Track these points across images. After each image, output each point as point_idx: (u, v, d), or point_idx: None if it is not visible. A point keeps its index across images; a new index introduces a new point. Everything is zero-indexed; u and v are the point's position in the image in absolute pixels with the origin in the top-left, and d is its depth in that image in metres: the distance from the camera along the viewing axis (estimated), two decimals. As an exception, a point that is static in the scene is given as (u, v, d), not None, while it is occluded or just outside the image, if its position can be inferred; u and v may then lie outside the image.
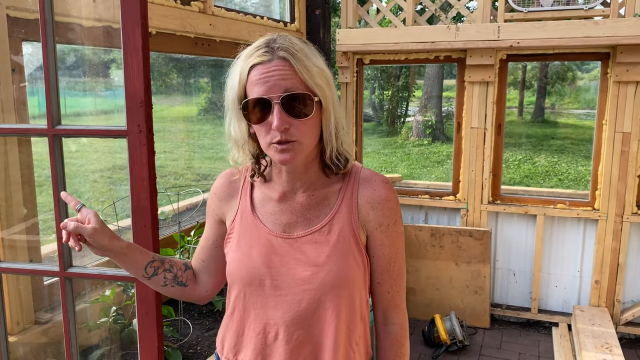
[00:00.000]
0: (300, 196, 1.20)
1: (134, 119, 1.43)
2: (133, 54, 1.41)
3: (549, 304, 3.87)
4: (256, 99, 1.07)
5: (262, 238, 1.20)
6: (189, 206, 4.01)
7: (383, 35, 3.70)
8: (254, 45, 1.12)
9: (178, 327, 2.26)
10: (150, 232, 1.47)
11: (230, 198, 1.27)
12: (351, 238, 1.17)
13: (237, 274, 1.20)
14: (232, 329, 1.25)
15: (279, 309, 1.17)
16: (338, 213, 1.18)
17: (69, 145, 7.94)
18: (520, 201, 3.79)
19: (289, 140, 1.07)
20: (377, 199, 1.18)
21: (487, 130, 3.69)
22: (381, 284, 1.23)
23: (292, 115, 1.07)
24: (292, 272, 1.16)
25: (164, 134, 14.42)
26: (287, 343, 1.17)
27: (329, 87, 1.11)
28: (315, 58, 1.11)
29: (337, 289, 1.15)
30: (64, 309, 1.55)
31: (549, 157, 13.76)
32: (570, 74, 20.17)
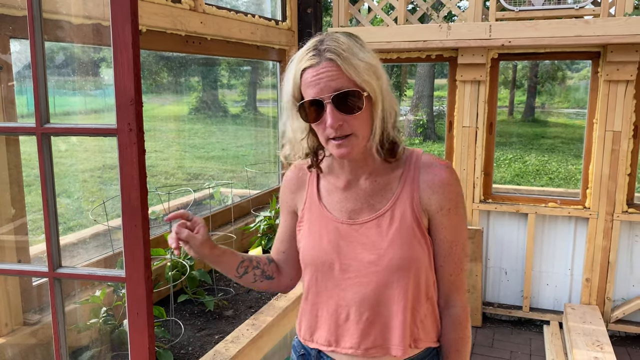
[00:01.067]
0: (363, 183, 1.27)
1: (124, 117, 1.41)
2: (123, 51, 1.38)
3: (540, 302, 3.88)
4: (310, 100, 1.14)
5: (329, 225, 1.27)
6: (180, 206, 3.97)
7: (375, 34, 3.69)
8: (304, 48, 1.18)
9: (169, 327, 2.24)
10: (140, 232, 1.45)
11: (300, 189, 1.37)
12: (413, 222, 1.22)
13: (309, 260, 1.29)
14: (307, 311, 1.33)
15: (349, 291, 1.24)
16: (400, 198, 1.23)
17: (59, 145, 7.90)
18: (512, 200, 3.80)
19: (345, 135, 1.15)
20: (438, 183, 1.22)
21: (479, 129, 3.69)
22: (443, 267, 1.27)
23: (344, 111, 1.13)
24: (359, 256, 1.23)
25: (155, 133, 14.35)
26: (357, 323, 1.24)
27: (377, 79, 1.16)
28: (362, 53, 1.16)
29: (402, 270, 1.20)
30: (53, 311, 1.53)
31: (540, 156, 13.84)
32: (560, 74, 20.30)
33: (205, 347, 2.09)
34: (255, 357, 2.09)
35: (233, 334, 2.09)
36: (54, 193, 1.51)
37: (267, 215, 2.93)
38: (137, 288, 1.49)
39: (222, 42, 3.03)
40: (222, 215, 3.18)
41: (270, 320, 2.20)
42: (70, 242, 2.93)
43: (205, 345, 2.12)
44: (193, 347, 2.11)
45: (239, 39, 3.14)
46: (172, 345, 2.09)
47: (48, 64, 1.47)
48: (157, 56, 13.76)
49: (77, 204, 8.69)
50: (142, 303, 1.51)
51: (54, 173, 1.48)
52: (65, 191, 8.09)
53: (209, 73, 16.42)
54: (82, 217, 7.10)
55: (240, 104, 17.94)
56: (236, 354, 1.94)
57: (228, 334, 2.16)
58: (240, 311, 2.44)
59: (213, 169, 11.38)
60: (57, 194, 1.54)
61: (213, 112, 16.83)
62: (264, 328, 2.15)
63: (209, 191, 3.23)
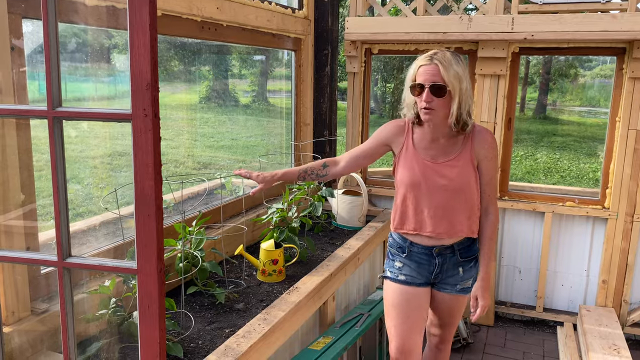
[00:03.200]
0: (441, 140, 2.11)
1: (140, 102, 1.34)
2: (140, 34, 1.32)
3: (554, 302, 3.81)
4: (419, 83, 1.98)
5: (419, 161, 2.11)
6: (191, 195, 3.92)
7: (393, 24, 3.60)
8: (425, 55, 2.00)
9: (179, 320, 2.19)
10: (154, 223, 1.39)
11: (398, 136, 2.19)
12: (470, 164, 2.08)
13: (406, 181, 2.12)
14: (400, 211, 2.17)
15: (430, 200, 2.09)
16: (463, 151, 2.09)
17: (69, 131, 7.86)
18: (529, 198, 3.72)
19: (430, 107, 1.97)
20: (484, 142, 2.10)
21: (497, 124, 3.61)
22: (485, 191, 2.15)
23: (434, 94, 1.96)
24: (437, 181, 2.08)
25: (165, 121, 14.27)
26: (434, 217, 2.10)
27: (459, 83, 1.95)
28: (456, 66, 1.96)
29: (462, 190, 2.08)
30: (62, 301, 1.48)
31: (551, 154, 13.67)
32: (572, 71, 20.03)
33: (216, 341, 2.04)
34: (266, 353, 2.04)
35: (244, 329, 2.03)
36: (64, 179, 1.45)
37: (279, 207, 2.86)
38: (149, 281, 1.44)
39: (238, 29, 2.96)
40: (234, 205, 3.13)
41: (282, 316, 2.15)
42: (79, 229, 2.88)
43: (215, 339, 2.07)
44: (203, 340, 2.06)
45: (254, 27, 3.07)
46: (182, 338, 2.04)
47: (61, 49, 1.40)
48: (168, 44, 13.67)
49: (87, 190, 8.70)
50: (153, 296, 1.45)
51: (65, 158, 1.43)
52: (75, 177, 8.07)
53: (220, 62, 16.32)
54: (92, 204, 7.08)
55: (250, 94, 17.85)
56: (248, 350, 1.89)
57: (239, 327, 2.11)
58: (251, 304, 2.39)
59: (223, 159, 11.34)
60: (67, 180, 1.49)
61: (223, 101, 16.74)
62: (276, 323, 2.09)
63: (220, 181, 3.18)
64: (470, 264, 2.20)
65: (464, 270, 2.19)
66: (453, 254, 2.16)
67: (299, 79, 3.76)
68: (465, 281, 2.22)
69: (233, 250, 2.80)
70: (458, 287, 2.22)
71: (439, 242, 2.14)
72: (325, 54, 3.85)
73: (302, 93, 3.79)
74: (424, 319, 2.28)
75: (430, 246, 2.15)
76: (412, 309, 2.19)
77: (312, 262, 2.89)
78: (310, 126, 3.87)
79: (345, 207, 3.51)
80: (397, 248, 2.24)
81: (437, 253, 2.16)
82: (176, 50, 14.53)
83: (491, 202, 2.15)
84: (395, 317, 2.19)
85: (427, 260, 2.18)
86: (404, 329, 2.17)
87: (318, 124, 3.92)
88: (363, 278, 3.38)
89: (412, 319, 2.18)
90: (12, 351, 1.77)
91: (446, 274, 2.19)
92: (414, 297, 2.19)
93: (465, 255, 2.18)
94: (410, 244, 2.18)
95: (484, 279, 2.16)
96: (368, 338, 3.08)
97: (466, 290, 2.24)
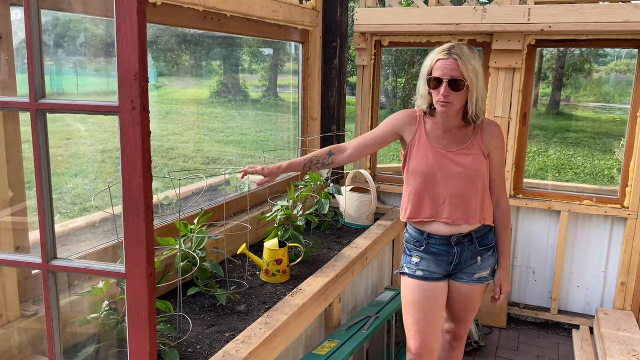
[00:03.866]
0: (453, 130, 2.13)
1: (127, 93, 1.24)
2: (127, 19, 1.21)
3: (569, 304, 3.68)
4: (436, 77, 1.99)
5: (433, 150, 2.11)
6: (195, 190, 3.83)
7: (404, 15, 3.48)
8: (441, 47, 2.01)
9: (176, 322, 2.10)
10: (142, 223, 1.29)
11: (410, 125, 2.18)
12: (480, 152, 2.11)
13: (420, 170, 2.11)
14: (412, 200, 2.15)
15: (446, 188, 2.09)
16: (474, 140, 2.11)
17: (77, 125, 7.83)
18: (544, 196, 3.59)
19: (447, 101, 1.99)
20: (493, 133, 2.14)
21: (512, 119, 3.47)
22: (495, 181, 2.18)
23: (451, 88, 1.97)
24: (453, 169, 2.08)
25: (175, 115, 14.26)
26: (450, 204, 2.10)
27: (476, 78, 1.98)
28: (473, 60, 1.98)
29: (476, 177, 2.09)
30: (47, 305, 1.39)
31: (564, 150, 13.45)
32: (587, 66, 19.68)
33: (214, 346, 1.95)
34: (267, 358, 1.94)
35: (244, 333, 1.94)
36: (48, 176, 1.36)
37: (284, 205, 2.76)
38: (138, 286, 1.34)
39: (242, 20, 2.85)
40: (238, 202, 3.03)
41: (284, 319, 2.05)
42: (78, 227, 2.80)
43: (214, 343, 1.97)
44: (201, 344, 1.96)
45: (260, 17, 2.96)
46: (179, 342, 1.95)
47: (70, 42, 1.31)
48: (178, 38, 13.62)
49: (94, 184, 8.65)
50: (143, 302, 1.35)
51: (49, 153, 1.33)
52: (82, 171, 8.04)
53: (230, 57, 16.26)
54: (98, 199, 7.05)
55: (260, 89, 17.79)
56: (247, 356, 1.79)
57: (239, 331, 2.01)
58: (253, 306, 2.29)
59: (231, 154, 11.26)
60: (75, 174, 1.40)
61: (233, 96, 16.70)
62: (278, 327, 1.99)
63: (224, 177, 3.08)
64: (488, 252, 2.19)
65: (482, 259, 2.17)
66: (471, 242, 2.15)
67: (306, 72, 3.64)
68: (482, 270, 2.19)
69: (237, 248, 2.71)
70: (475, 277, 2.19)
71: (456, 229, 2.12)
72: (334, 46, 3.73)
73: (309, 87, 3.67)
74: (443, 315, 2.24)
75: (448, 235, 2.13)
76: (431, 306, 2.15)
77: (318, 261, 2.78)
78: (318, 121, 3.76)
79: (353, 204, 3.40)
80: (414, 242, 2.20)
81: (455, 242, 2.13)
82: (187, 45, 14.49)
83: (502, 192, 2.20)
84: (414, 314, 2.16)
85: (445, 250, 2.15)
86: (422, 325, 2.14)
87: (326, 119, 3.81)
88: (371, 278, 3.27)
89: (431, 316, 2.14)
90: (1, 355, 1.69)
91: (464, 264, 2.17)
92: (432, 292, 2.16)
93: (483, 244, 2.17)
94: (428, 236, 2.15)
95: (505, 267, 2.23)
96: (376, 340, 2.98)
97: (482, 280, 2.21)
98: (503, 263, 2.23)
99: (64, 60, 6.33)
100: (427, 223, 2.15)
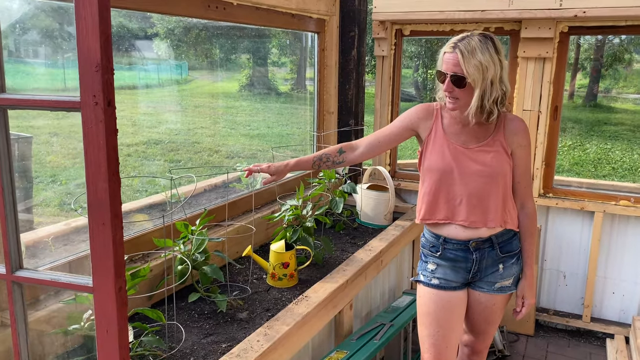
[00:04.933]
0: (473, 125, 1.93)
1: (89, 87, 1.10)
2: (86, 3, 1.07)
3: (603, 312, 3.43)
4: (441, 71, 1.86)
5: (451, 147, 1.95)
6: (208, 187, 3.72)
7: (426, 2, 3.27)
8: (453, 39, 1.84)
9: (172, 331, 1.97)
10: (109, 233, 1.15)
11: (426, 120, 2.03)
12: (502, 150, 1.93)
13: (436, 167, 1.95)
14: (427, 200, 1.99)
15: (463, 187, 1.92)
16: (495, 136, 1.94)
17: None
18: (576, 195, 3.34)
19: (453, 97, 1.86)
20: (518, 129, 1.95)
21: (542, 113, 3.23)
22: (520, 183, 1.99)
23: (454, 85, 1.83)
24: (471, 167, 1.92)
25: (203, 109, 14.30)
26: (467, 205, 1.93)
27: (480, 74, 1.79)
28: (481, 54, 1.78)
29: (497, 176, 1.91)
30: (12, 319, 1.27)
31: (602, 144, 12.94)
32: (627, 56, 18.88)
33: (209, 358, 1.81)
34: (265, 373, 1.80)
35: (240, 346, 1.79)
36: (11, 178, 1.23)
37: (293, 205, 2.61)
38: (107, 301, 1.20)
39: (251, 9, 2.70)
40: (247, 201, 2.89)
41: (285, 330, 1.90)
42: (82, 224, 2.71)
43: (209, 355, 1.84)
44: (196, 356, 1.83)
45: (270, 6, 2.80)
46: (171, 354, 1.82)
47: (67, 38, 1.17)
48: (208, 33, 13.60)
49: (117, 179, 8.65)
50: (112, 319, 1.22)
51: (11, 152, 1.21)
52: (107, 165, 8.03)
53: (258, 50, 16.19)
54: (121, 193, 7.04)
55: (289, 82, 17.69)
56: (241, 372, 1.65)
57: (237, 342, 1.88)
58: (256, 314, 2.15)
59: (255, 148, 11.17)
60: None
61: (262, 89, 16.67)
62: (278, 339, 1.85)
63: (227, 176, 2.95)
64: (512, 260, 2.00)
65: (505, 267, 1.99)
66: (492, 248, 1.97)
67: (322, 63, 3.47)
68: (504, 280, 2.01)
69: (244, 250, 2.57)
70: (496, 286, 2.01)
71: (475, 233, 1.95)
72: (352, 36, 3.54)
73: (325, 79, 3.50)
74: (461, 328, 2.07)
75: (466, 240, 1.95)
76: (448, 318, 1.98)
77: (329, 264, 2.62)
78: (335, 115, 3.59)
79: (370, 203, 3.22)
80: (430, 248, 2.04)
81: (475, 247, 1.96)
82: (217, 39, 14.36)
83: (527, 194, 2.01)
84: (429, 327, 2.00)
85: (463, 256, 1.97)
86: (437, 339, 1.97)
87: (343, 112, 3.63)
88: (388, 282, 3.10)
89: (447, 329, 1.97)
90: (-20, 366, 1.59)
91: (485, 272, 1.99)
92: (449, 303, 1.99)
93: (506, 250, 1.99)
94: (444, 241, 1.98)
95: (529, 277, 2.03)
96: (391, 348, 2.81)
97: (504, 289, 2.02)
98: (527, 272, 2.03)
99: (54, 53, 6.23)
100: (442, 226, 1.98)
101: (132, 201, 3.48)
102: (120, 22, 8.65)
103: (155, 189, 6.73)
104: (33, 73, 6.32)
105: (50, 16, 5.47)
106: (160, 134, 11.06)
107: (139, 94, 12.13)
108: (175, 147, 10.15)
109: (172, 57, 13.00)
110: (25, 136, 3.86)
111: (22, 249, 1.30)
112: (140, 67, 12.82)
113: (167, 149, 9.92)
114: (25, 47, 5.54)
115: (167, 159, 9.25)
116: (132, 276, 1.84)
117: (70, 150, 6.98)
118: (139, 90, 12.82)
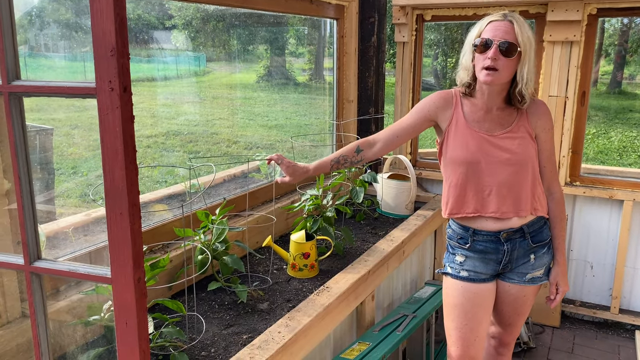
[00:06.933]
0: (495, 111, 1.88)
1: (104, 72, 1.07)
2: (100, -16, 1.04)
3: (632, 303, 3.33)
4: (485, 39, 1.74)
5: (474, 135, 1.86)
6: (227, 178, 3.70)
7: (448, -14, 3.18)
8: (494, 15, 1.77)
9: (193, 322, 1.95)
10: (127, 222, 1.12)
11: (445, 109, 1.93)
12: (528, 135, 1.87)
13: (461, 159, 1.87)
14: (454, 194, 1.91)
15: (492, 177, 1.85)
16: (519, 122, 1.87)
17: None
18: (605, 183, 3.24)
19: (494, 67, 1.73)
20: (540, 112, 1.89)
21: (569, 99, 3.13)
22: (546, 167, 1.94)
23: (502, 53, 1.73)
24: (498, 156, 1.84)
25: (222, 100, 14.32)
26: (497, 196, 1.85)
27: (530, 47, 1.75)
28: (528, 29, 1.75)
29: (525, 163, 1.85)
30: (31, 311, 1.26)
31: (627, 132, 12.65)
32: (654, 42, 18.37)
33: (230, 350, 1.79)
34: (287, 365, 1.77)
35: (262, 337, 1.77)
36: (28, 168, 1.21)
37: (313, 194, 2.57)
38: (125, 292, 1.18)
39: (269, -6, 2.65)
40: (266, 191, 2.86)
41: (307, 322, 1.86)
42: (102, 215, 2.71)
43: (230, 346, 1.81)
44: (216, 348, 1.81)
45: (289, -8, 2.75)
46: (192, 345, 1.80)
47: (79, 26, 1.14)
48: (226, 24, 13.57)
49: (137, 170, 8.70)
50: (131, 310, 1.19)
51: (26, 141, 1.18)
52: (127, 157, 8.09)
53: (277, 41, 16.13)
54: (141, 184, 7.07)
55: (307, 72, 17.61)
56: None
57: (259, 333, 1.85)
58: (277, 305, 2.12)
59: (273, 138, 11.15)
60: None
61: (280, 80, 16.62)
62: (299, 331, 1.81)
63: (248, 166, 2.91)
64: (543, 249, 1.94)
65: (536, 257, 1.93)
66: (523, 238, 1.90)
67: (342, 51, 3.41)
68: (536, 270, 1.95)
69: (264, 239, 2.54)
70: (527, 277, 1.95)
71: (506, 224, 1.88)
72: (372, 22, 3.47)
73: (344, 66, 3.44)
74: (489, 320, 2.00)
75: (497, 231, 1.88)
76: (476, 311, 1.93)
77: (350, 255, 2.58)
78: (354, 103, 3.53)
79: (391, 192, 3.17)
80: (458, 239, 1.97)
81: (505, 238, 1.89)
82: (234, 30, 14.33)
83: (554, 179, 1.96)
84: (457, 320, 1.95)
85: (493, 248, 1.91)
86: (465, 332, 1.92)
87: (363, 101, 3.57)
88: (410, 272, 3.04)
89: (475, 322, 1.92)
90: (1, 355, 1.59)
91: (516, 263, 1.93)
92: (478, 296, 1.93)
93: (537, 240, 1.92)
94: (474, 232, 1.92)
95: (562, 264, 1.97)
96: (414, 339, 2.76)
97: (535, 280, 1.96)
98: (560, 259, 1.97)
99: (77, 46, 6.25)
100: (471, 219, 1.91)
101: (151, 192, 3.48)
102: (139, 14, 8.66)
103: (175, 180, 6.76)
104: (54, 67, 6.37)
105: (70, 9, 5.49)
106: (179, 125, 11.10)
107: (157, 86, 12.18)
108: (194, 138, 10.19)
109: (190, 49, 13.02)
110: (46, 128, 3.88)
111: (42, 239, 1.28)
112: (159, 59, 12.87)
113: (186, 140, 9.96)
114: (45, 40, 5.57)
115: (186, 150, 9.29)
116: (151, 267, 1.82)
117: (91, 142, 7.04)
118: (158, 82, 12.88)
